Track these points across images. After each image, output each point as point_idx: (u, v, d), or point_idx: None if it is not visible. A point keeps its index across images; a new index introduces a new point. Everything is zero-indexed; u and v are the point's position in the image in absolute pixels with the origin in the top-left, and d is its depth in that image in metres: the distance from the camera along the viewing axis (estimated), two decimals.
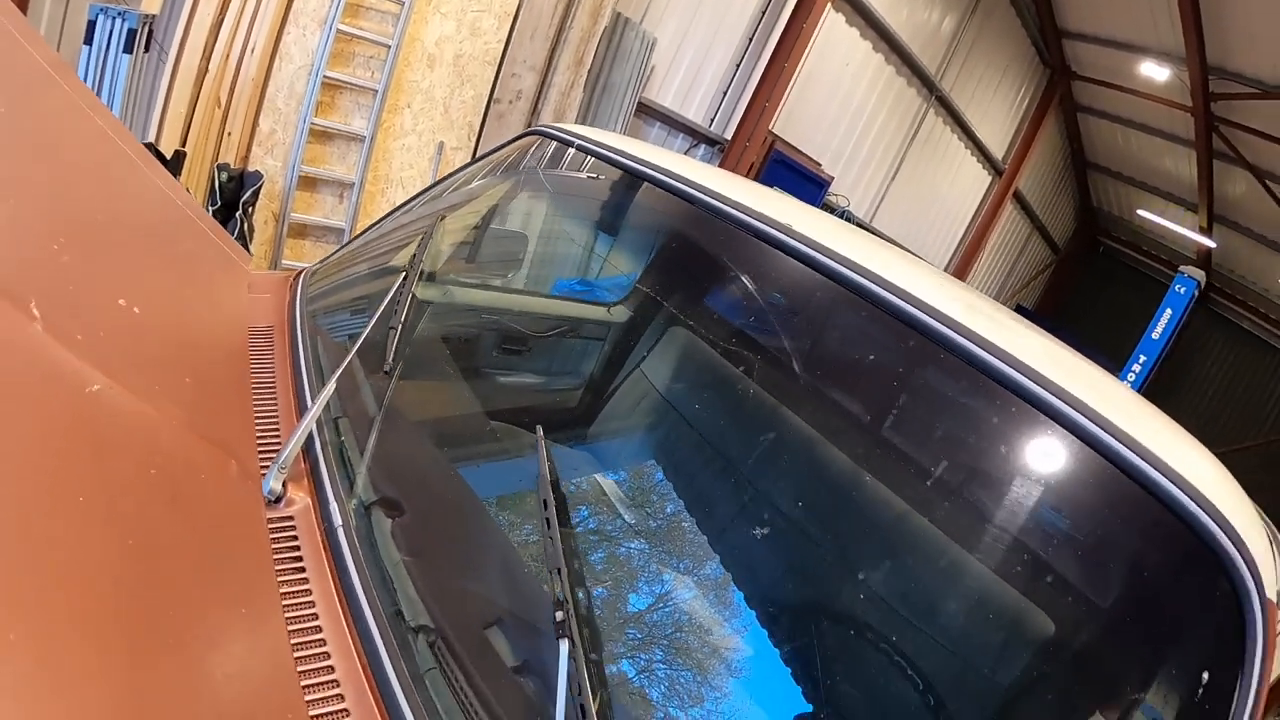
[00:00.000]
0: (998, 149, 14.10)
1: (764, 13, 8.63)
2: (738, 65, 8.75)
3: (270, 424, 1.27)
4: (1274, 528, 1.18)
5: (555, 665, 0.85)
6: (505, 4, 5.88)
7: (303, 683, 0.86)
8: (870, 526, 1.31)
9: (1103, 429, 0.99)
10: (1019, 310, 18.02)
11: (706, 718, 1.06)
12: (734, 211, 1.53)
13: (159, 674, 0.73)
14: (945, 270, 14.40)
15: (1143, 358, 9.21)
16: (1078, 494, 1.08)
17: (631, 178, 1.92)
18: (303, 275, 1.91)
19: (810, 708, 1.09)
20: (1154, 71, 11.39)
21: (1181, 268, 9.32)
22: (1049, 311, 19.36)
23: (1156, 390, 15.68)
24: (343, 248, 2.29)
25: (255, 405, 1.30)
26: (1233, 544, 0.92)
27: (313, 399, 1.29)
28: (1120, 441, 0.98)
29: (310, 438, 1.20)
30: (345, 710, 0.86)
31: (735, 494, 1.45)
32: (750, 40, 8.69)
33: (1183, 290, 9.09)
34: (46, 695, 0.61)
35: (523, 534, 1.24)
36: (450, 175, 2.39)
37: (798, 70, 8.69)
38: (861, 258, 1.31)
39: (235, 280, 1.70)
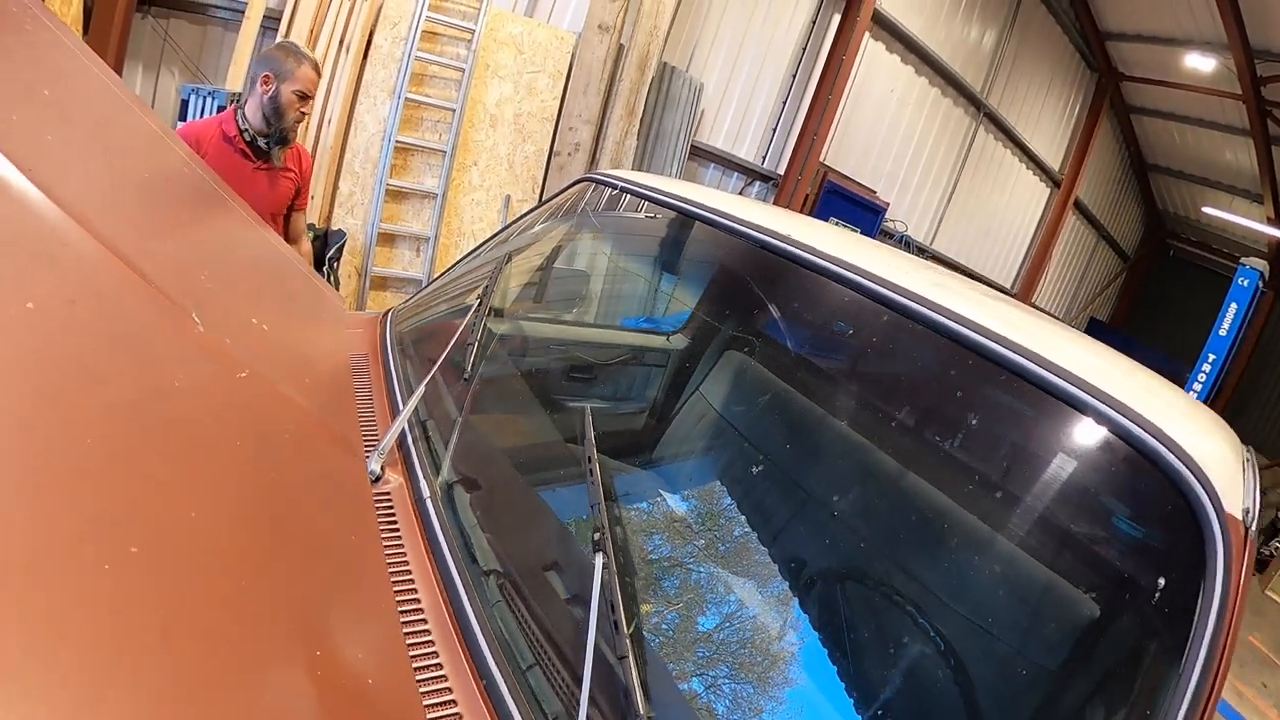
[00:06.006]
0: (1053, 160, 14.00)
1: (804, 49, 8.92)
2: (784, 102, 9.04)
3: (370, 423, 1.59)
4: (1252, 454, 1.29)
5: (592, 584, 1.10)
6: (557, 63, 6.29)
7: (399, 608, 1.14)
8: (884, 492, 1.53)
9: (1072, 383, 1.17)
10: (1091, 322, 17.74)
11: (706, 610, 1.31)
12: (759, 235, 1.79)
13: (298, 590, 1.02)
14: (1012, 286, 14.32)
15: (1212, 356, 8.98)
16: (1050, 437, 1.24)
17: (671, 213, 2.20)
18: (390, 313, 2.25)
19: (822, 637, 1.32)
20: (1199, 63, 11.29)
21: (1243, 260, 9.07)
22: (1122, 320, 18.90)
23: (1239, 393, 15.26)
24: (421, 291, 2.62)
25: (359, 408, 1.62)
26: (1186, 466, 1.03)
27: (403, 404, 1.61)
28: (1088, 392, 1.15)
29: (402, 433, 1.51)
30: (428, 632, 1.12)
31: (768, 460, 1.70)
32: (794, 77, 8.98)
33: (1245, 283, 8.87)
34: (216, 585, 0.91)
35: (570, 502, 1.52)
36: (511, 224, 2.70)
37: (843, 101, 8.93)
38: (882, 270, 1.53)
39: (334, 316, 2.06)
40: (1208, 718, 0.90)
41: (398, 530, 1.31)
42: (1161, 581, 1.03)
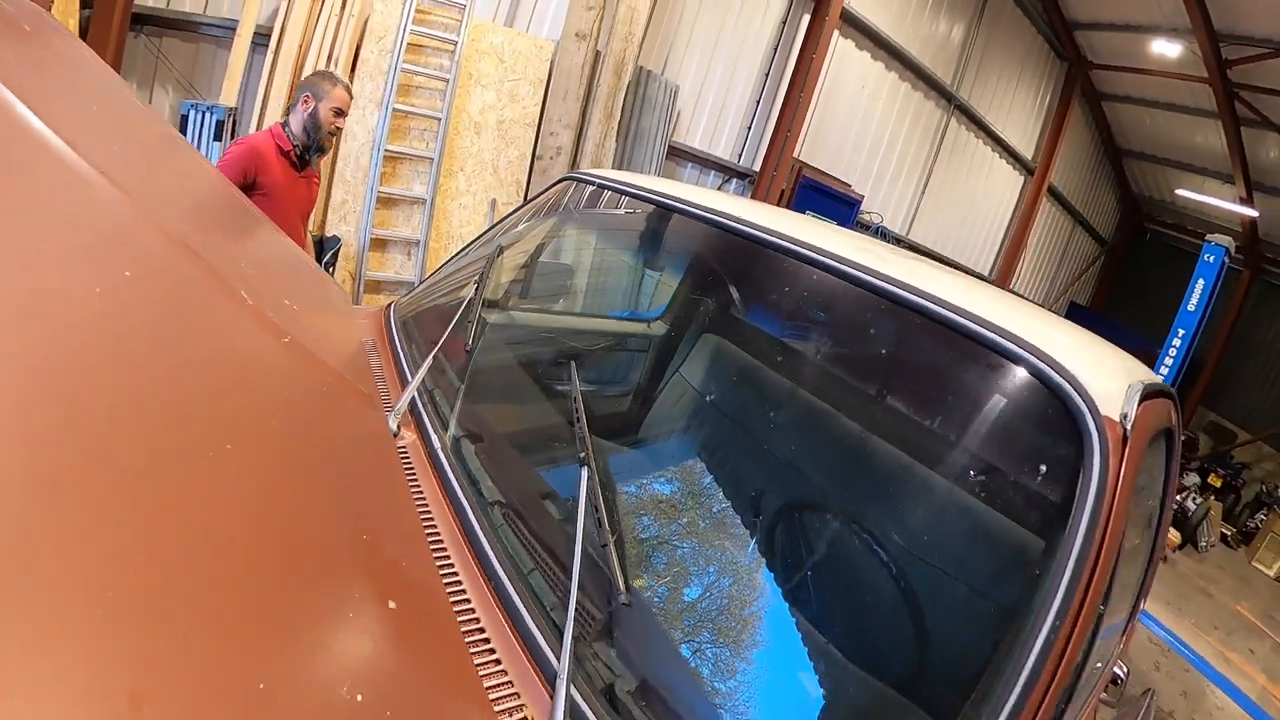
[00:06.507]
0: (1026, 148, 14.33)
1: (776, 49, 9.22)
2: (758, 101, 9.34)
3: (384, 391, 1.87)
4: (1142, 366, 1.52)
5: (579, 491, 1.37)
6: (537, 71, 6.56)
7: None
8: (821, 425, 1.80)
9: (978, 323, 1.39)
10: (1071, 306, 18.09)
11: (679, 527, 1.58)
12: (719, 219, 2.05)
13: (347, 513, 1.28)
14: (989, 272, 14.64)
15: (1181, 331, 9.30)
16: (960, 369, 1.47)
17: (646, 207, 2.47)
18: (392, 305, 2.51)
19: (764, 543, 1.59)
20: (1165, 48, 11.59)
21: (1209, 236, 9.38)
22: (1102, 303, 19.22)
23: (1225, 378, 15.61)
24: (418, 287, 2.88)
25: (375, 379, 1.89)
26: (1066, 380, 1.24)
27: (411, 377, 1.87)
28: (991, 330, 1.37)
29: (413, 400, 1.77)
30: (446, 551, 1.38)
31: (724, 395, 1.98)
32: (766, 76, 9.28)
33: (1212, 259, 9.20)
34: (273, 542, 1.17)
35: (559, 447, 1.79)
36: (498, 223, 2.96)
37: (815, 98, 9.23)
38: (823, 243, 1.78)
39: (345, 307, 2.33)
40: (1092, 597, 1.09)
41: (415, 477, 1.57)
42: (1050, 473, 1.24)
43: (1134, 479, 1.21)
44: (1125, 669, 2.11)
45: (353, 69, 5.93)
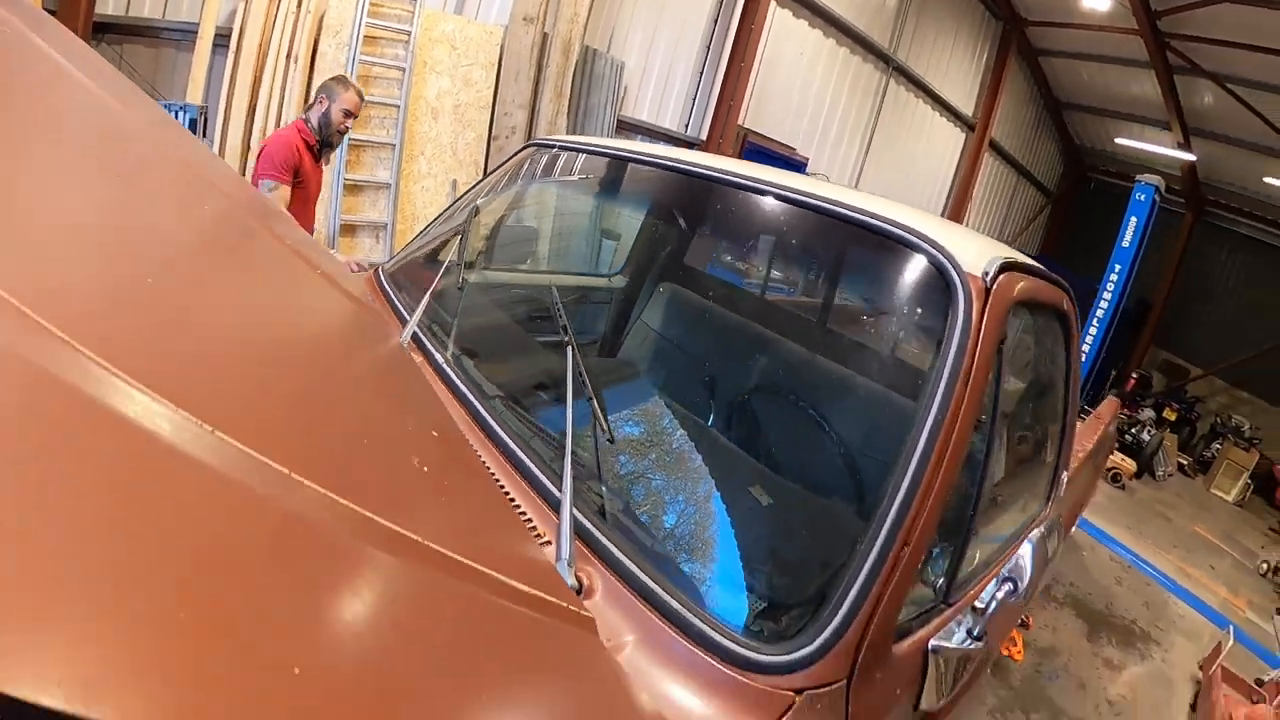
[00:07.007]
0: (965, 106, 14.79)
1: (716, 21, 9.57)
2: (701, 72, 9.69)
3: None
4: (1015, 252, 1.87)
5: (565, 375, 1.74)
6: (489, 55, 6.86)
7: None
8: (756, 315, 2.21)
9: (873, 217, 1.75)
10: None
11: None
12: (669, 162, 2.41)
13: (394, 405, 1.65)
14: None
15: (1118, 266, 9.85)
16: (860, 250, 1.89)
17: (605, 160, 2.84)
18: (378, 268, 2.86)
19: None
20: (1096, 2, 12.01)
21: (1139, 176, 9.90)
22: (1051, 251, 19.75)
23: (1175, 318, 16.17)
24: (401, 252, 3.23)
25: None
26: (939, 251, 1.59)
27: (409, 316, 2.23)
28: (873, 217, 1.74)
29: (415, 332, 2.14)
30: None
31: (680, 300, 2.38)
32: (708, 49, 9.64)
33: (1143, 197, 9.75)
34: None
35: (545, 351, 2.17)
36: (461, 197, 3.28)
37: (755, 68, 9.62)
38: (758, 175, 2.16)
39: (343, 270, 2.69)
40: (967, 407, 1.42)
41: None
42: (929, 316, 1.59)
43: (997, 324, 1.56)
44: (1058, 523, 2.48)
45: (312, 64, 6.18)
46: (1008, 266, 1.68)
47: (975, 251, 1.66)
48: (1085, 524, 7.18)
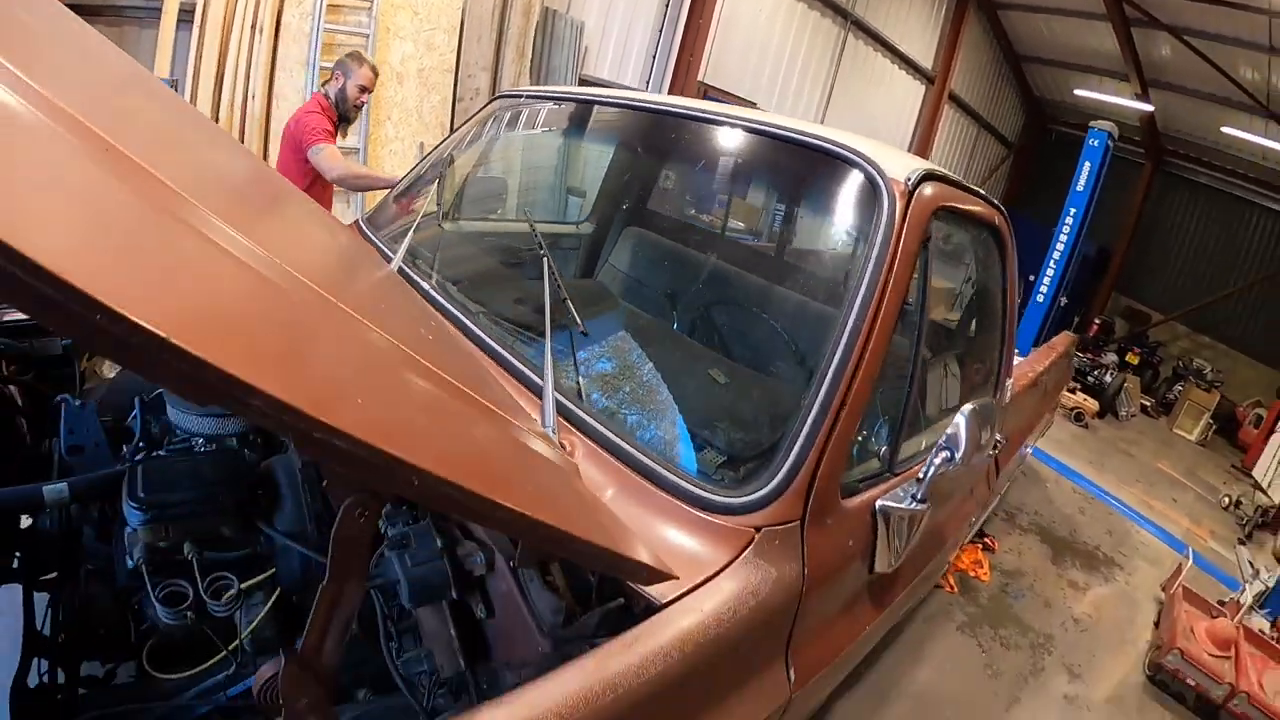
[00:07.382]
0: (925, 59, 14.90)
1: None
2: (660, 30, 9.81)
3: None
4: (937, 167, 2.07)
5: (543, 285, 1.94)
6: (450, 19, 6.94)
7: None
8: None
9: (807, 135, 1.98)
10: None
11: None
12: (633, 102, 2.62)
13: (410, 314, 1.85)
14: None
15: (1073, 210, 10.05)
16: (798, 165, 2.12)
17: (571, 104, 3.04)
18: (358, 220, 3.03)
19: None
20: None
21: (1092, 123, 10.04)
22: (1013, 201, 20.10)
23: (1136, 265, 16.52)
24: (376, 206, 3.40)
25: None
26: (866, 162, 1.81)
27: (393, 254, 2.41)
28: (812, 136, 1.96)
29: (402, 267, 2.33)
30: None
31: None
32: (666, 6, 9.74)
33: (1096, 143, 9.91)
34: None
35: (522, 273, 2.37)
36: (425, 156, 3.40)
37: (714, 24, 9.78)
38: (715, 110, 2.37)
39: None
40: (889, 300, 1.62)
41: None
42: (859, 218, 1.83)
43: (920, 223, 1.78)
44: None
45: (276, 34, 6.22)
46: (930, 176, 1.90)
47: (901, 164, 1.88)
48: (1049, 458, 7.43)
